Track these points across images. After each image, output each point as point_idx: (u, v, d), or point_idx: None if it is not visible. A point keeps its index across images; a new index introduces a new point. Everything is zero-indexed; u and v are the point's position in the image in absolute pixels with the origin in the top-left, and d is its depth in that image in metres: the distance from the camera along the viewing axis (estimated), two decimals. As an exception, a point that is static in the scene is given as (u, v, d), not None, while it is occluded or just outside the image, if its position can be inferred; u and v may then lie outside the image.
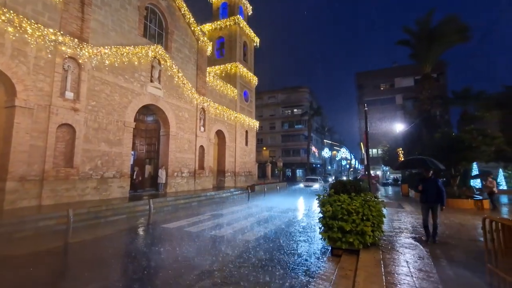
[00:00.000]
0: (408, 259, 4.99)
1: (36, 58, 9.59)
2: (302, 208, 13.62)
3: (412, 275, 4.20)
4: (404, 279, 4.04)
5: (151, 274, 4.79)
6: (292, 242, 7.06)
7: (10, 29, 8.79)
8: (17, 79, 9.02)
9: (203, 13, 28.69)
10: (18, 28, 8.99)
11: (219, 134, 22.20)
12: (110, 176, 12.26)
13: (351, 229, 5.27)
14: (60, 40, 10.15)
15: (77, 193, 10.75)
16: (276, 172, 40.14)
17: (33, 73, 9.49)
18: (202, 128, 18.92)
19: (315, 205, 12.39)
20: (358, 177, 29.50)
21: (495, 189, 12.45)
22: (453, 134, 14.16)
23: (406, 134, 23.03)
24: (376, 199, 5.78)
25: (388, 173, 46.43)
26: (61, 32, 10.30)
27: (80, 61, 10.90)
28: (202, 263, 5.30)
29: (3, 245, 6.37)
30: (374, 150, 38.02)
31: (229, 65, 24.40)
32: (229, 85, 23.25)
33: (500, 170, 26.64)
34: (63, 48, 10.29)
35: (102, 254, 5.96)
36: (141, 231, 8.28)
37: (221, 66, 24.64)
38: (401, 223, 8.69)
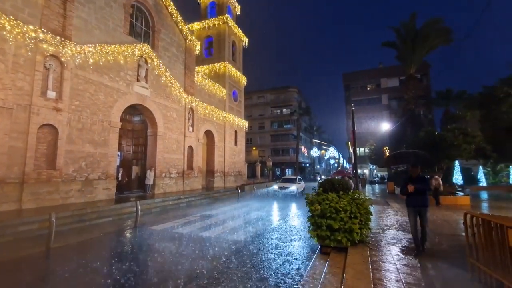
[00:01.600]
0: (394, 255, 5.10)
1: (15, 55, 9.20)
2: (291, 207, 13.69)
3: (398, 271, 4.29)
4: (390, 275, 4.12)
5: (138, 278, 4.68)
6: (281, 241, 7.08)
7: (-14, 25, 8.40)
8: (-5, 77, 8.63)
9: (191, 12, 28.41)
10: (-5, 24, 8.61)
11: (208, 134, 22.02)
12: (95, 178, 11.92)
13: (339, 227, 5.32)
14: (41, 38, 9.78)
15: (60, 196, 10.40)
16: (266, 171, 40.24)
17: (12, 71, 9.10)
18: (190, 128, 18.71)
19: (303, 205, 12.45)
20: (329, 176, 29.11)
21: (439, 186, 12.67)
22: (436, 133, 14.60)
23: (391, 133, 23.61)
24: (363, 197, 5.88)
25: (375, 171, 47.41)
26: (42, 29, 9.92)
27: (62, 59, 10.54)
28: (191, 265, 5.23)
29: (-20, 251, 6.07)
30: (362, 149, 38.73)
31: (218, 65, 24.24)
32: (218, 84, 23.09)
33: (480, 167, 27.73)
34: (44, 46, 9.92)
35: (86, 258, 5.77)
36: (127, 234, 8.09)
37: (210, 65, 24.44)
38: (388, 221, 8.87)
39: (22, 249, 6.27)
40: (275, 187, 20.48)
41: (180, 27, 18.25)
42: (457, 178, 23.90)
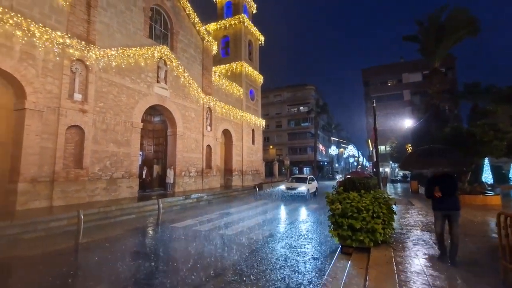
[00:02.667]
0: (420, 257, 4.89)
1: (44, 61, 9.72)
2: (311, 205, 13.53)
3: (425, 273, 4.10)
4: (417, 277, 3.95)
5: (161, 273, 4.81)
6: (301, 240, 7.01)
7: (18, 32, 8.93)
8: (26, 81, 9.17)
9: (208, 12, 28.71)
10: (26, 31, 9.13)
11: (226, 133, 22.22)
12: (119, 176, 12.38)
13: (361, 226, 5.19)
14: (67, 43, 10.27)
15: (87, 194, 10.89)
16: (283, 170, 40.03)
17: (41, 75, 9.63)
18: (208, 128, 18.96)
19: (323, 203, 12.25)
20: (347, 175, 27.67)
21: None
22: (463, 129, 13.83)
23: (414, 130, 22.67)
24: (386, 197, 5.69)
25: (397, 169, 45.84)
26: (68, 35, 10.41)
27: (87, 63, 11.02)
28: (212, 262, 5.30)
29: (15, 246, 6.50)
30: (382, 147, 37.55)
31: (235, 64, 24.37)
32: (235, 84, 23.22)
33: (512, 165, 26.00)
34: (71, 51, 10.41)
35: (112, 254, 6.02)
36: (150, 231, 8.34)
37: (227, 65, 24.62)
38: (412, 221, 8.54)
39: (53, 244, 6.64)
40: (282, 187, 17.88)
41: (198, 28, 18.51)
42: (487, 176, 22.55)
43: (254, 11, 27.78)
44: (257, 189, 19.39)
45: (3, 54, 8.61)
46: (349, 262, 4.84)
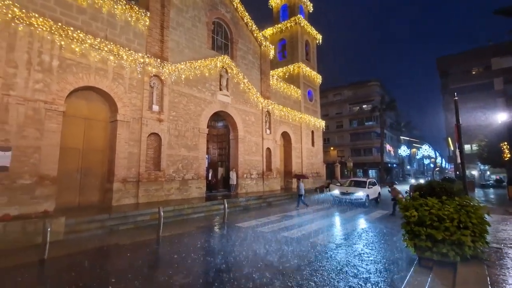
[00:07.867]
0: (527, 279, 4.06)
1: (130, 79, 11.42)
2: (378, 208, 12.50)
3: (535, 299, 3.40)
4: (523, 303, 3.30)
5: (230, 268, 5.11)
6: (369, 247, 6.56)
7: (111, 57, 10.71)
8: (118, 98, 10.92)
9: (264, 17, 29.40)
10: (117, 55, 10.88)
11: (285, 135, 22.28)
12: (189, 178, 13.64)
13: (443, 238, 4.59)
14: (146, 62, 11.85)
15: (164, 193, 12.31)
16: (346, 172, 37.98)
17: (128, 91, 11.33)
18: (268, 131, 19.33)
19: (390, 209, 11.21)
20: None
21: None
22: None
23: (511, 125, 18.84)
24: (476, 204, 4.89)
25: (488, 172, 38.83)
26: (147, 55, 12.00)
27: (162, 78, 12.50)
28: (276, 263, 5.39)
29: (113, 235, 7.76)
30: (467, 146, 32.28)
31: (292, 66, 24.30)
32: (292, 86, 23.15)
33: None
34: (149, 68, 11.97)
35: (188, 247, 6.66)
36: (218, 229, 8.94)
37: (284, 68, 24.73)
38: (512, 234, 7.13)
39: (140, 235, 7.71)
40: (336, 191, 15.57)
41: (255, 35, 19.14)
42: None
43: (311, 10, 27.27)
44: (318, 192, 18.85)
45: (101, 76, 10.45)
46: (429, 277, 4.33)
